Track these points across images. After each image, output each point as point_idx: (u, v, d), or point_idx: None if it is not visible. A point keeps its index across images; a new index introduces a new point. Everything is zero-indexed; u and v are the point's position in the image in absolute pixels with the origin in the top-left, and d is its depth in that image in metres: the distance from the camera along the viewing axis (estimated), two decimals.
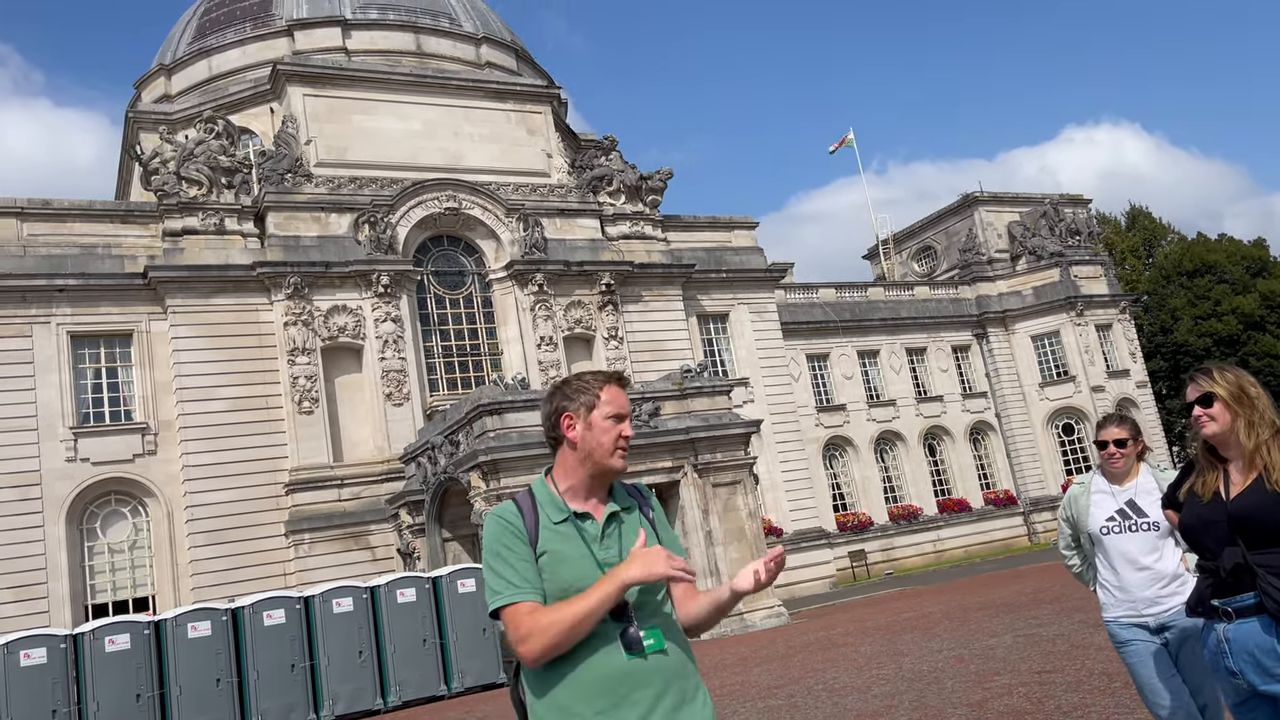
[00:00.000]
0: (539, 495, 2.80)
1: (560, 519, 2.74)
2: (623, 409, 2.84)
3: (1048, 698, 8.27)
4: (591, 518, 2.77)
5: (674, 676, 2.68)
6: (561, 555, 2.68)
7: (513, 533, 2.71)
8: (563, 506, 2.76)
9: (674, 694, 2.66)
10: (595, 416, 2.80)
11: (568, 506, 2.76)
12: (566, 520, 2.74)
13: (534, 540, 2.70)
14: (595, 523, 2.77)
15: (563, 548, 2.69)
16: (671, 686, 2.66)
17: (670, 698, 2.65)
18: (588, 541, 2.72)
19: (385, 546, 25.98)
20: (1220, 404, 3.46)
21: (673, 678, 2.68)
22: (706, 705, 2.74)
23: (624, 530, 2.79)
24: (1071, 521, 4.92)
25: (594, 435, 2.79)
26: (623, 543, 2.76)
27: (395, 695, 16.50)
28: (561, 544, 2.70)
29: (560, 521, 2.74)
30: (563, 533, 2.72)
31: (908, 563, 37.51)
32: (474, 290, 30.27)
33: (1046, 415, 42.30)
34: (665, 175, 33.82)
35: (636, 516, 2.85)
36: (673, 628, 2.76)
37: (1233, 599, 3.38)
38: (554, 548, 2.69)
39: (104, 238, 26.44)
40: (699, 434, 21.72)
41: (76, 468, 24.65)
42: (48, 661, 14.67)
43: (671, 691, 2.66)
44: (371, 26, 33.87)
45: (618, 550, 2.73)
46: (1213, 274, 52.46)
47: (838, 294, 41.30)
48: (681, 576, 2.59)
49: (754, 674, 13.37)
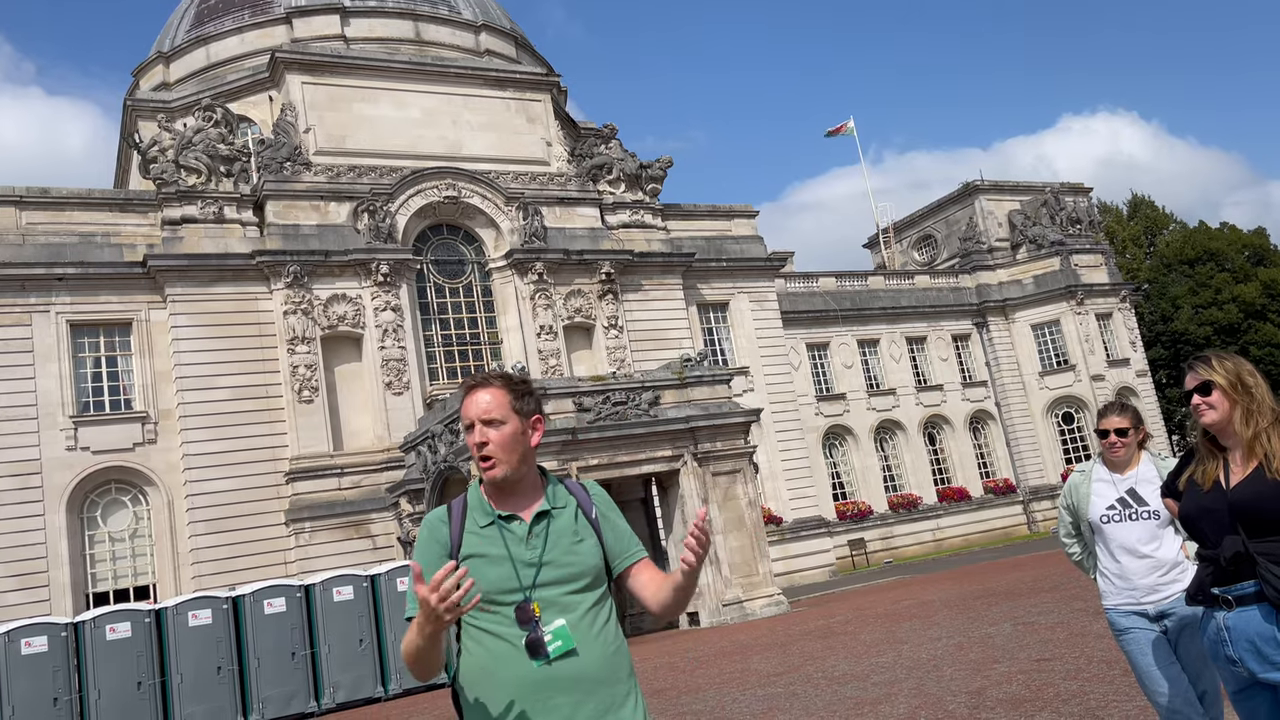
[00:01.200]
0: (470, 500, 2.81)
1: (486, 522, 2.75)
2: (466, 416, 2.77)
3: (1046, 685, 8.29)
4: (519, 518, 2.75)
5: (594, 682, 2.61)
6: (486, 558, 2.68)
7: (432, 545, 2.74)
8: (489, 510, 2.76)
9: (597, 701, 2.60)
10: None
11: (493, 510, 2.76)
12: (492, 523, 2.74)
13: (457, 545, 2.72)
14: (523, 523, 2.74)
15: (488, 549, 2.70)
16: (594, 693, 2.60)
17: (591, 705, 2.59)
18: (509, 544, 2.70)
19: (385, 535, 26.03)
20: (1219, 392, 3.45)
21: (593, 684, 2.61)
22: (638, 712, 2.67)
23: (551, 529, 2.74)
24: (1072, 510, 4.91)
25: None
26: (548, 542, 2.72)
27: (396, 683, 16.54)
28: (485, 546, 2.70)
29: (486, 525, 2.74)
30: (487, 535, 2.72)
31: (907, 551, 37.58)
32: (474, 279, 30.24)
33: (1046, 404, 42.32)
34: (665, 164, 33.74)
35: (572, 513, 2.80)
36: (595, 625, 2.67)
37: (1233, 587, 3.37)
38: (478, 550, 2.70)
39: (103, 226, 26.40)
40: (699, 423, 21.72)
41: (77, 456, 24.68)
42: (49, 650, 14.69)
43: (594, 698, 2.60)
44: (370, 14, 33.75)
45: (541, 549, 2.70)
46: (1214, 262, 52.40)
47: (838, 283, 41.26)
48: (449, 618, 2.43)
49: (753, 662, 13.40)
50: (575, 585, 2.68)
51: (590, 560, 2.74)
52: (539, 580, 2.66)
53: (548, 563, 2.68)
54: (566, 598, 2.66)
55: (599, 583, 2.75)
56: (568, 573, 2.68)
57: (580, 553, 2.73)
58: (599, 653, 2.65)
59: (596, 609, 2.71)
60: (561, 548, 2.72)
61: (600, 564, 2.77)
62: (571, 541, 2.74)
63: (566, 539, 2.74)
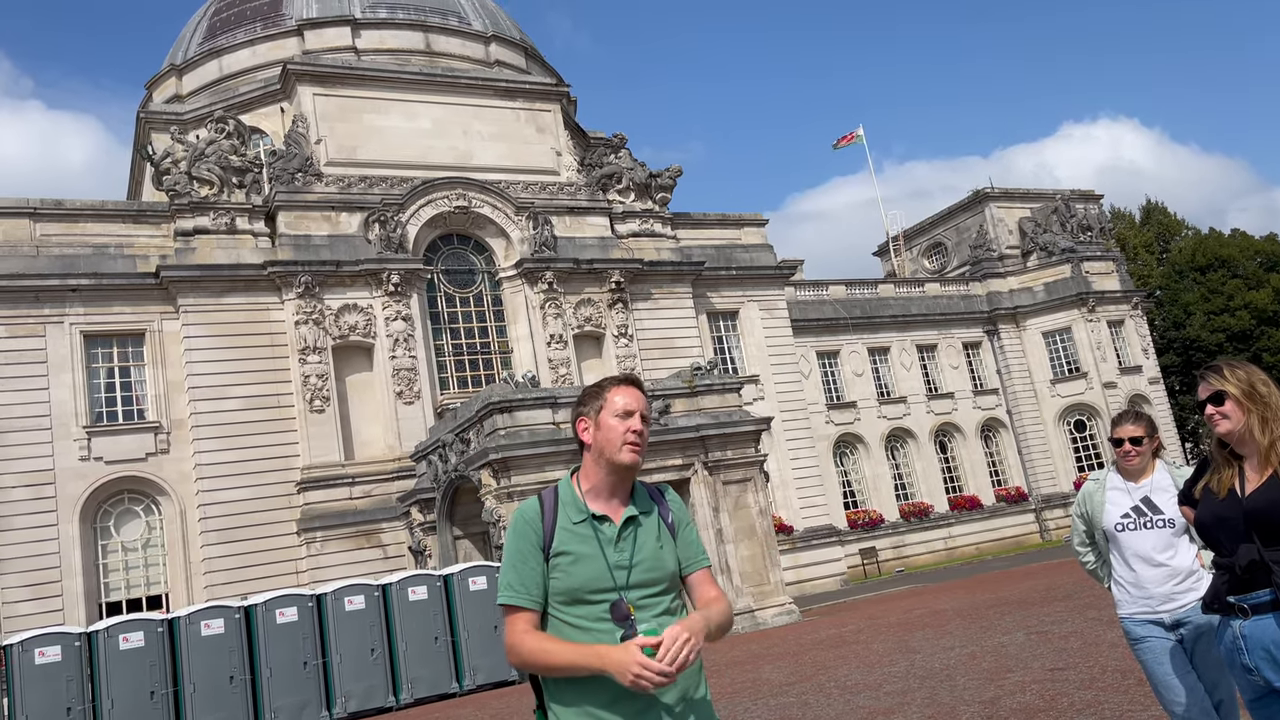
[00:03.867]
0: (562, 494, 2.92)
1: (579, 519, 2.85)
2: (631, 405, 2.94)
3: (1060, 695, 8.25)
4: (609, 520, 2.87)
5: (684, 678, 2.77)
6: (577, 555, 2.79)
7: (528, 535, 2.83)
8: (582, 507, 2.86)
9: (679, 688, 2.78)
10: (604, 416, 2.93)
11: (587, 508, 2.86)
12: (584, 521, 2.85)
13: (549, 540, 2.82)
14: (613, 525, 2.86)
15: (578, 548, 2.81)
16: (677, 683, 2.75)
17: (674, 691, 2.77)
18: (602, 544, 2.81)
19: (397, 544, 26.06)
20: (1232, 401, 3.45)
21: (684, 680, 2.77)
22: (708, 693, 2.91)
23: (640, 533, 2.88)
24: (1086, 518, 4.90)
25: (604, 434, 2.91)
26: (636, 545, 2.85)
27: (407, 693, 16.55)
28: (578, 544, 2.81)
29: (579, 522, 2.84)
30: (580, 533, 2.83)
31: (919, 560, 37.43)
32: (484, 288, 30.31)
33: (1058, 412, 42.14)
34: (675, 173, 33.80)
35: (655, 519, 2.94)
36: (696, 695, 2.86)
37: (1248, 595, 3.37)
38: (570, 548, 2.81)
39: (116, 238, 26.57)
40: (709, 431, 21.71)
41: (90, 466, 24.79)
42: (62, 659, 14.75)
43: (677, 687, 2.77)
44: (381, 25, 33.94)
45: (630, 553, 2.82)
46: (1226, 269, 52.15)
47: (848, 291, 41.22)
48: (644, 688, 2.58)
49: (765, 671, 13.36)
50: (658, 588, 2.85)
51: (670, 565, 2.92)
52: (630, 582, 2.80)
53: (636, 564, 2.82)
54: (650, 599, 2.82)
55: (675, 585, 2.93)
56: (652, 576, 2.84)
57: (663, 559, 2.90)
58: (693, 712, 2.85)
59: (674, 610, 2.89)
60: (647, 552, 2.87)
61: (678, 570, 2.94)
62: (656, 548, 2.89)
63: (651, 544, 2.89)
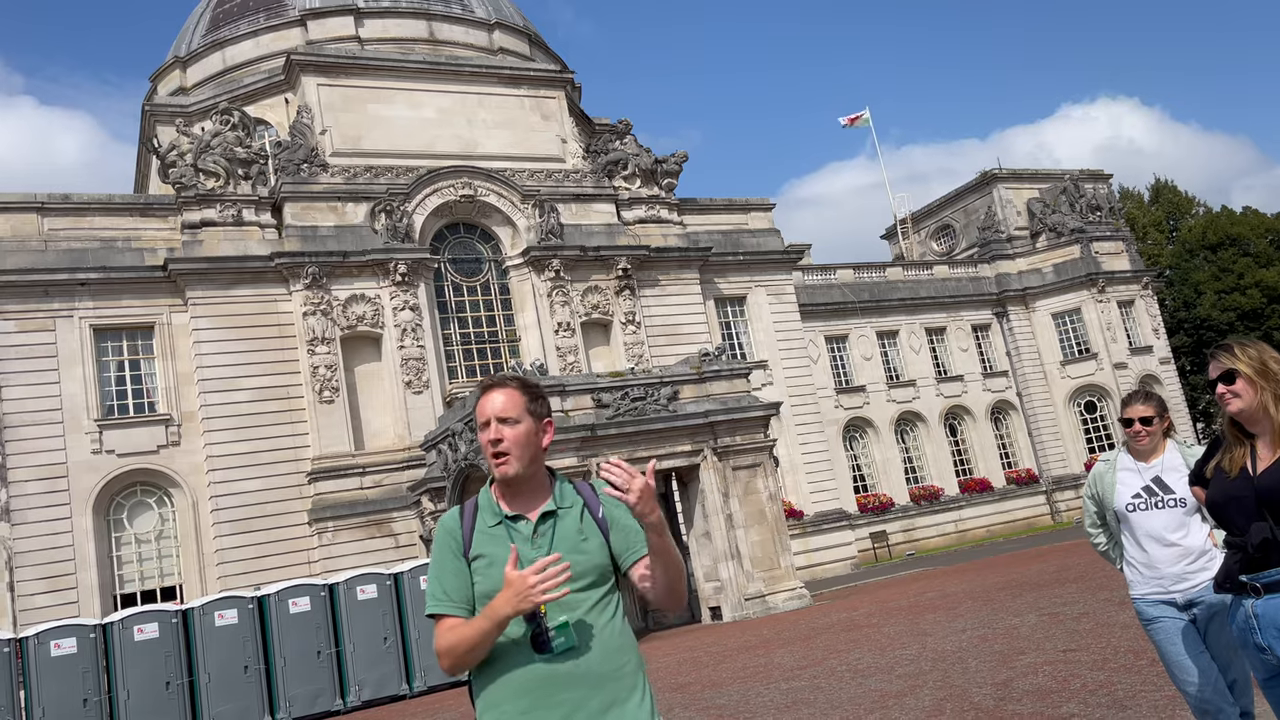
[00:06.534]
0: (480, 501, 2.90)
1: (494, 522, 2.83)
2: (482, 414, 2.84)
3: (1073, 676, 8.24)
4: (525, 518, 2.83)
5: (598, 678, 2.68)
6: (493, 558, 2.76)
7: (448, 544, 2.83)
8: (497, 510, 2.85)
9: (601, 696, 2.67)
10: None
11: (501, 510, 2.84)
12: (500, 523, 2.82)
13: (467, 546, 2.81)
14: (529, 522, 2.82)
15: (493, 550, 2.77)
16: (599, 688, 2.67)
17: (597, 700, 2.66)
18: (515, 542, 2.77)
19: (408, 533, 26.16)
20: (1243, 380, 3.42)
21: (597, 679, 2.68)
22: (644, 705, 2.72)
23: (559, 526, 2.82)
24: (1097, 499, 4.87)
25: None
26: (553, 541, 2.79)
27: (420, 680, 16.63)
28: (493, 546, 2.78)
29: (494, 525, 2.83)
30: (495, 535, 2.80)
31: (929, 543, 37.42)
32: (491, 277, 30.31)
33: (1068, 393, 42.00)
34: (680, 158, 33.69)
35: (577, 513, 2.85)
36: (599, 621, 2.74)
37: (1261, 574, 3.35)
38: (486, 550, 2.78)
39: (124, 231, 26.62)
40: (718, 417, 21.69)
41: (102, 459, 24.92)
42: (78, 651, 14.86)
43: (599, 693, 2.66)
44: (384, 14, 33.84)
45: (547, 549, 2.76)
46: (1236, 247, 51.82)
47: (856, 274, 41.09)
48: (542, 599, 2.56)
49: (777, 656, 13.38)
50: (580, 583, 2.73)
51: (596, 559, 2.80)
52: None
53: None
54: (571, 596, 2.70)
55: (604, 580, 2.81)
56: (572, 571, 2.71)
57: (586, 551, 2.79)
58: (602, 648, 2.72)
59: (602, 605, 2.78)
60: (566, 546, 2.78)
61: (607, 562, 2.83)
62: (577, 540, 2.80)
63: (572, 538, 2.80)
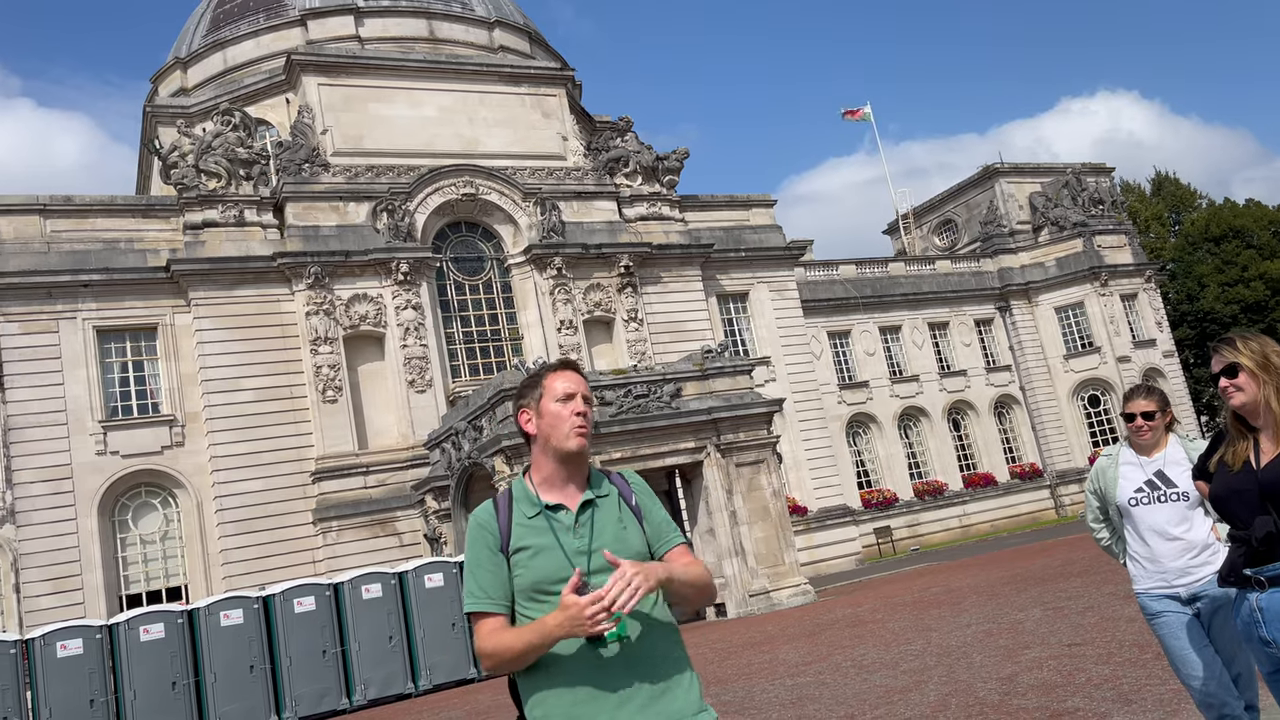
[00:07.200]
0: (515, 492, 2.85)
1: (533, 513, 2.78)
2: (571, 388, 2.84)
3: (1078, 670, 8.24)
4: (565, 508, 2.79)
5: (650, 663, 2.68)
6: (535, 548, 2.72)
7: (484, 539, 2.77)
8: (535, 500, 2.80)
9: (653, 681, 2.68)
10: (545, 403, 2.84)
11: (539, 500, 2.80)
12: (539, 514, 2.78)
13: (506, 539, 2.75)
14: (569, 512, 2.78)
15: (535, 541, 2.73)
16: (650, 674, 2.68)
17: (649, 686, 2.67)
18: (558, 532, 2.74)
19: (412, 532, 26.19)
20: (1246, 374, 3.42)
21: (649, 665, 2.68)
22: (692, 689, 2.74)
23: (598, 516, 2.79)
24: (1100, 494, 4.87)
25: (548, 421, 2.83)
26: (594, 530, 2.76)
27: (426, 679, 16.66)
28: (534, 538, 2.74)
29: (533, 516, 2.78)
30: (535, 526, 2.76)
31: (934, 538, 37.42)
32: (493, 275, 30.31)
33: (1072, 387, 41.97)
34: (681, 155, 33.67)
35: (614, 502, 2.85)
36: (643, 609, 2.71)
37: (1265, 568, 3.35)
38: (527, 542, 2.73)
39: (126, 232, 26.66)
40: (721, 414, 21.69)
41: (106, 461, 24.97)
42: (84, 652, 14.90)
43: (651, 679, 2.68)
44: (384, 14, 33.84)
45: (589, 537, 2.74)
46: (1240, 239, 51.70)
47: (858, 270, 41.04)
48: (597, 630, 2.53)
49: (781, 652, 13.39)
50: None
51: (636, 546, 2.79)
52: (591, 568, 2.70)
53: (597, 548, 2.73)
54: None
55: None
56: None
57: (626, 540, 2.78)
58: (650, 634, 2.72)
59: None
60: (609, 535, 2.76)
61: (645, 550, 2.82)
62: (618, 529, 2.79)
63: (612, 526, 2.79)
